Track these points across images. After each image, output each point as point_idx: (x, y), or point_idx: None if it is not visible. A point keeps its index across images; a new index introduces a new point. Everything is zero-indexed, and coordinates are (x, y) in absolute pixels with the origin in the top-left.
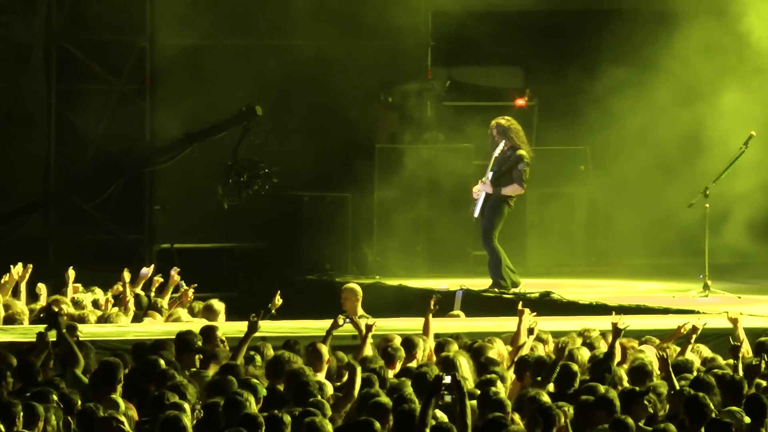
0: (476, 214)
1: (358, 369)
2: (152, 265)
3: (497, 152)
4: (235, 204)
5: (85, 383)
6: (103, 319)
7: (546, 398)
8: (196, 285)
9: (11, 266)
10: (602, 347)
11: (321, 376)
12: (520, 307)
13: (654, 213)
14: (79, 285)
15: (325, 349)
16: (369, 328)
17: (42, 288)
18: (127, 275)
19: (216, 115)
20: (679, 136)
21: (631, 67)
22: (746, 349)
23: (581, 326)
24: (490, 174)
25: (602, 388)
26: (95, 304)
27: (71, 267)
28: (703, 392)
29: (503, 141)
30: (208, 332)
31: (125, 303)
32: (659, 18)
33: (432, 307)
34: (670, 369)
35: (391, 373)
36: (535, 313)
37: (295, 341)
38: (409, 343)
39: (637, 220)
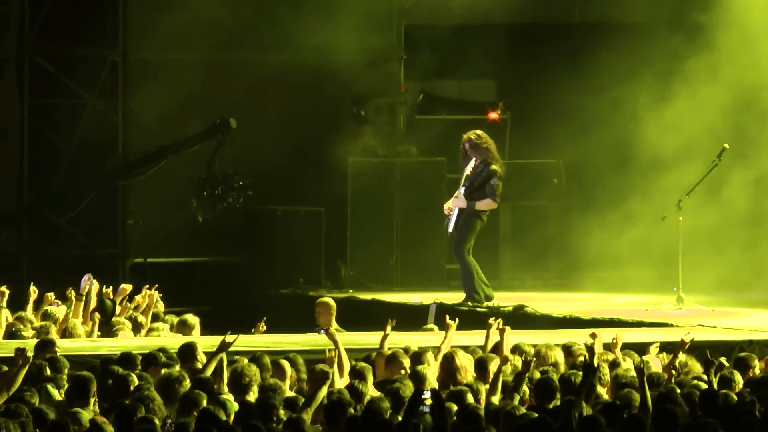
0: (450, 228)
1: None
2: (131, 285)
3: (469, 169)
4: (210, 217)
5: (58, 399)
6: (67, 333)
7: (524, 412)
8: (155, 285)
9: None
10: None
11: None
12: (501, 325)
13: (627, 226)
14: (51, 294)
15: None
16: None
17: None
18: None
19: (189, 128)
20: (653, 148)
21: (604, 80)
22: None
23: (556, 340)
24: (462, 189)
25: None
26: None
27: (32, 283)
28: (671, 405)
29: (474, 157)
30: (188, 350)
31: (87, 313)
32: (630, 30)
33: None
34: (645, 382)
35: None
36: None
37: (261, 354)
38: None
39: (610, 234)
